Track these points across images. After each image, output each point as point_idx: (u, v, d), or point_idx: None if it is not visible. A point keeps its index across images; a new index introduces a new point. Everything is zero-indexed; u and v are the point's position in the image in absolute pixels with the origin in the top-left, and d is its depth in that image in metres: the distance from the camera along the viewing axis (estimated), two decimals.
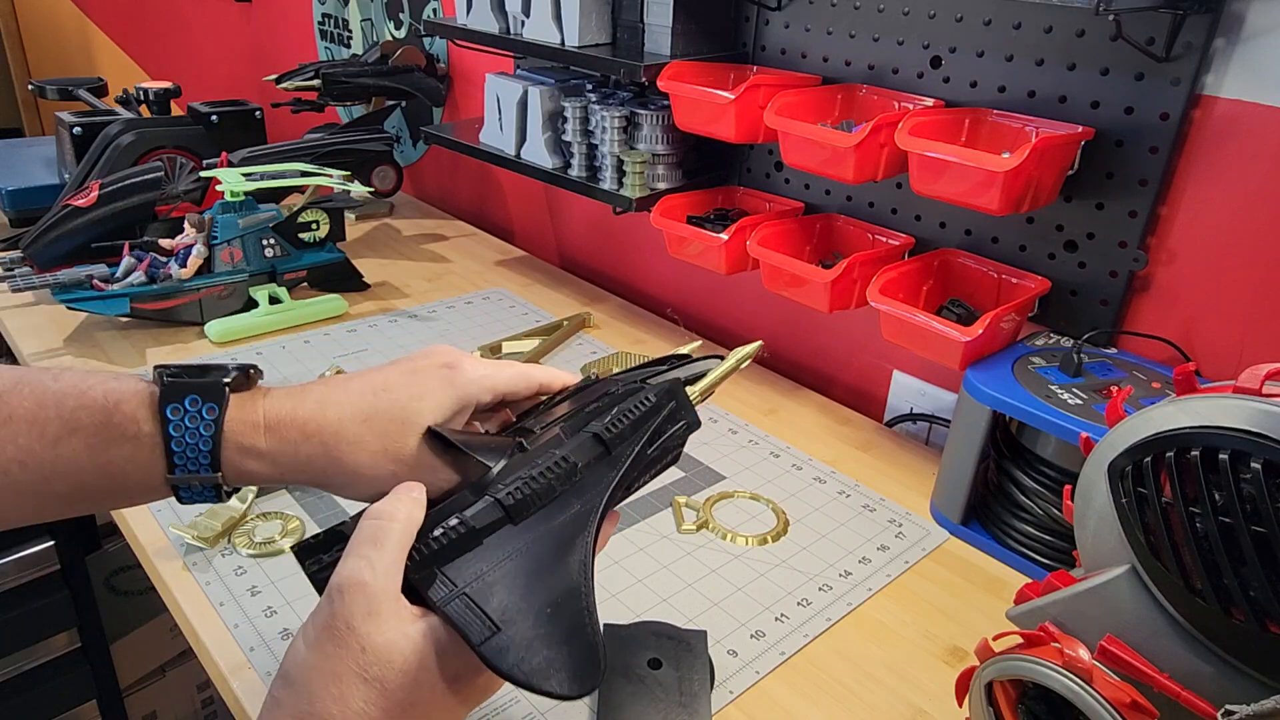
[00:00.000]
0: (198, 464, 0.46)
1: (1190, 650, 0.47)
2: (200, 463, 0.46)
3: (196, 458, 0.45)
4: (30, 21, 3.47)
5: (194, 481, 0.46)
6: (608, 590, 0.74)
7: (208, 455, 0.45)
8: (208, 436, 0.45)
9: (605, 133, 1.09)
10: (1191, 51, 0.73)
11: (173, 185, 1.33)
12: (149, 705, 1.44)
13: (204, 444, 0.45)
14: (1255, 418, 0.43)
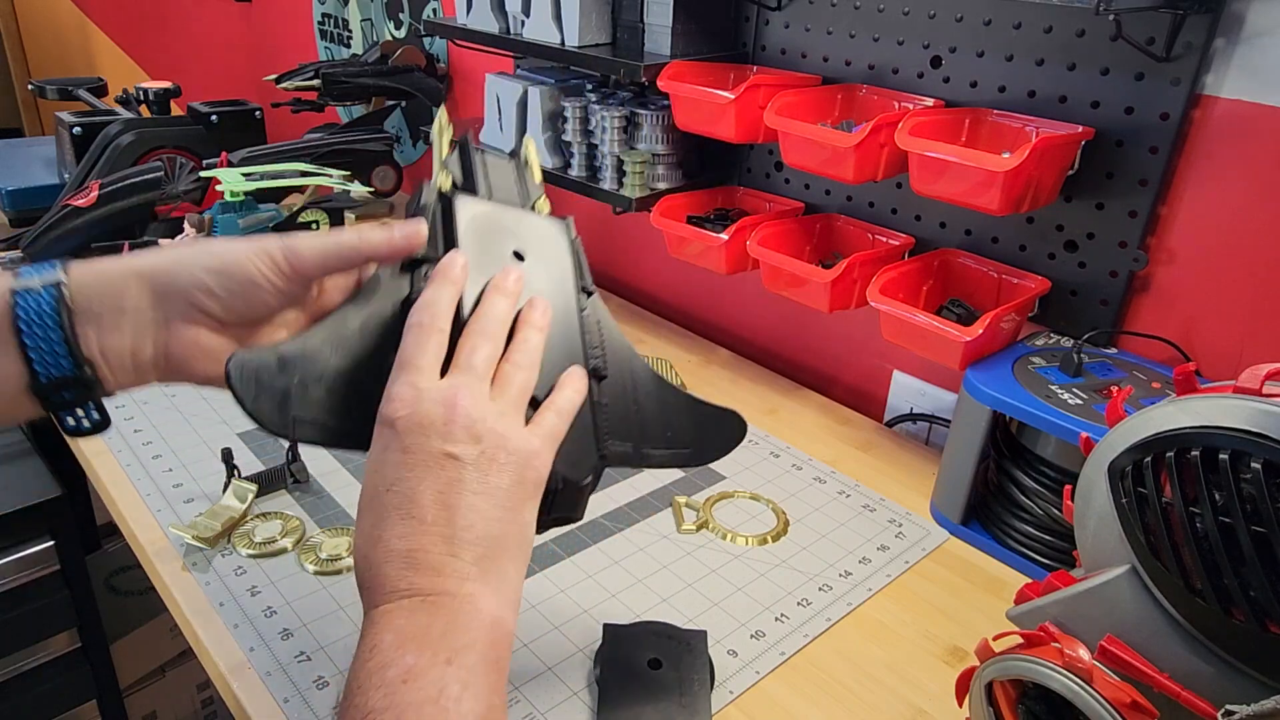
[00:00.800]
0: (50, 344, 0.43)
1: (1190, 650, 0.47)
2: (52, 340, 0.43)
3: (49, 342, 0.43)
4: (30, 21, 3.47)
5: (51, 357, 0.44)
6: (607, 590, 0.74)
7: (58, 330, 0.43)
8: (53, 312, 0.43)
9: (605, 133, 1.09)
10: (1191, 51, 0.73)
11: (173, 185, 1.33)
12: (149, 705, 1.44)
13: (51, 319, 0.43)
14: (1255, 418, 0.43)
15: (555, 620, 0.70)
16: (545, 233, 0.55)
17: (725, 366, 1.13)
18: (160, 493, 0.82)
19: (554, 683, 0.64)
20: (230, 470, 0.81)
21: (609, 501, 0.85)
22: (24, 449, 1.22)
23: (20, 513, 1.12)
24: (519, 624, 0.69)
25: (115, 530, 0.86)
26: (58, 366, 0.44)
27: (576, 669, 0.66)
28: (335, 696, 0.62)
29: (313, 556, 0.75)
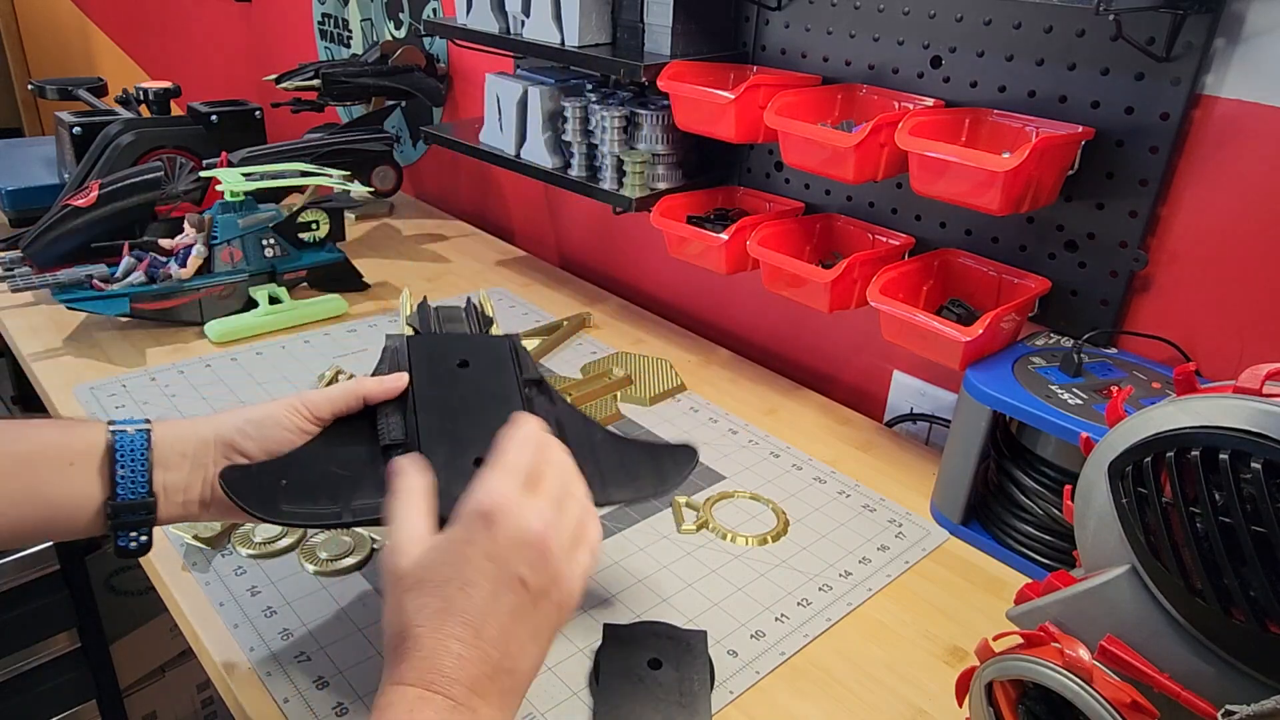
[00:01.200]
0: (135, 486, 0.55)
1: (1190, 650, 0.47)
2: (138, 484, 0.55)
3: (134, 481, 0.55)
4: (30, 21, 3.47)
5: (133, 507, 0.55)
6: (607, 590, 0.74)
7: (145, 477, 0.55)
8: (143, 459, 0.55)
9: (605, 133, 1.09)
10: (1192, 51, 0.73)
11: (172, 185, 1.33)
12: (149, 705, 1.44)
13: (141, 469, 0.55)
14: (1255, 418, 0.43)
15: None
16: (487, 345, 0.68)
17: (725, 366, 1.13)
18: None
19: (554, 683, 0.64)
20: None
21: None
22: None
23: None
24: None
25: None
26: (134, 492, 0.55)
27: (576, 669, 0.66)
28: (335, 696, 0.62)
29: (313, 556, 0.75)
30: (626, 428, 0.97)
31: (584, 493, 0.54)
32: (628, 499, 0.63)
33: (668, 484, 0.64)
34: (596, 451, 0.63)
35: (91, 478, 0.54)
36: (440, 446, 0.58)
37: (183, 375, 1.01)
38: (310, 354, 1.08)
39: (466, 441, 0.59)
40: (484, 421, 0.59)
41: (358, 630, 0.68)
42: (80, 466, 0.54)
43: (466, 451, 0.58)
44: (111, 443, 0.54)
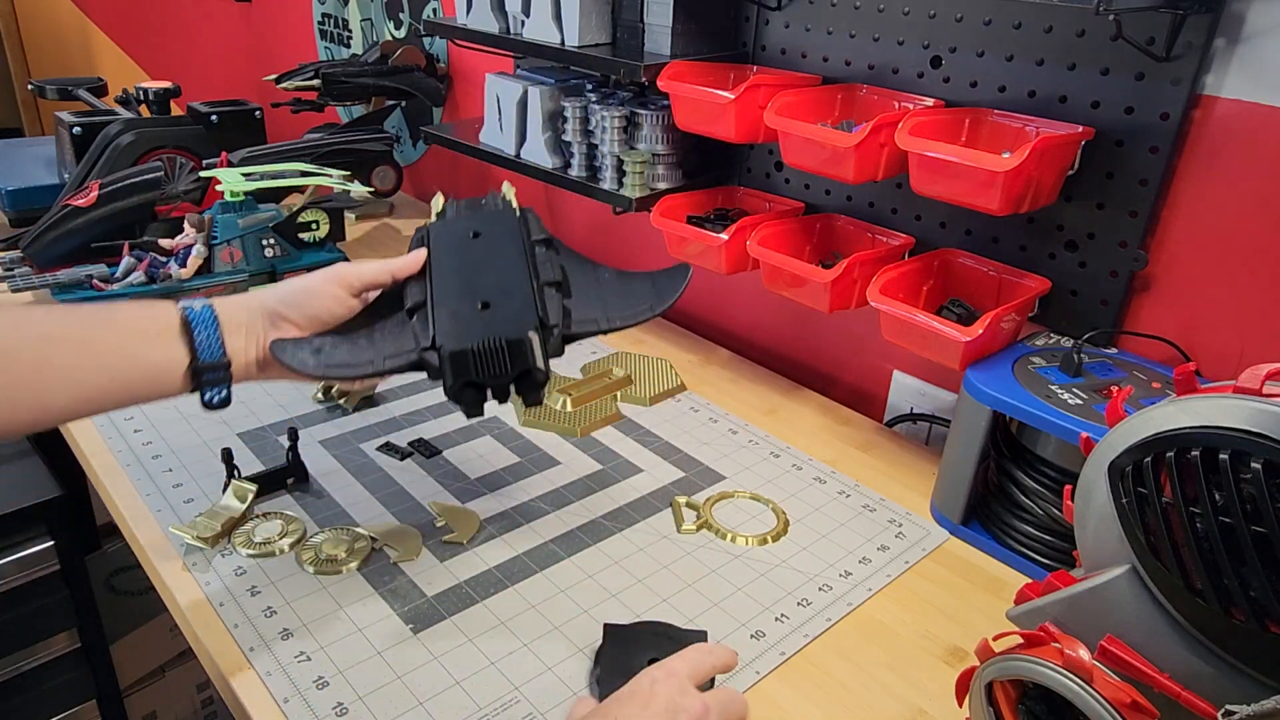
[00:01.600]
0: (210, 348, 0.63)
1: (1190, 650, 0.47)
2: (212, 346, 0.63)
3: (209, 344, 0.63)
4: (30, 21, 3.47)
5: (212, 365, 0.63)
6: (607, 590, 0.74)
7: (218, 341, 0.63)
8: None
9: (605, 133, 1.09)
10: (1191, 51, 0.73)
11: (172, 185, 1.33)
12: (149, 705, 1.44)
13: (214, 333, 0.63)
14: (1255, 418, 0.43)
15: (555, 620, 0.70)
16: (496, 216, 0.75)
17: (725, 366, 1.13)
18: (160, 493, 0.82)
19: (554, 683, 0.64)
20: (230, 470, 0.81)
21: (609, 501, 0.85)
22: (24, 449, 1.22)
23: (20, 513, 1.12)
24: (519, 624, 0.69)
25: (115, 530, 0.86)
26: (211, 354, 0.63)
27: (576, 669, 0.66)
28: (335, 696, 0.62)
29: (313, 556, 0.75)
30: (626, 428, 0.97)
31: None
32: (630, 320, 0.68)
33: (664, 299, 0.70)
34: (601, 286, 0.71)
35: (176, 345, 0.62)
36: (451, 296, 0.66)
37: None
38: None
39: (476, 289, 0.66)
40: (490, 271, 0.68)
41: (358, 630, 0.68)
42: (165, 336, 0.61)
43: (475, 296, 0.66)
44: (186, 316, 0.62)
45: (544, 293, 0.66)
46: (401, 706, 0.62)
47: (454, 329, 0.64)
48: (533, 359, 0.62)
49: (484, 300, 0.65)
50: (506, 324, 0.63)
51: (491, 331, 0.63)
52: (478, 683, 0.64)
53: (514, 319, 0.64)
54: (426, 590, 0.72)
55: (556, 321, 0.65)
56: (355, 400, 0.97)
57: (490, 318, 0.64)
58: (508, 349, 0.62)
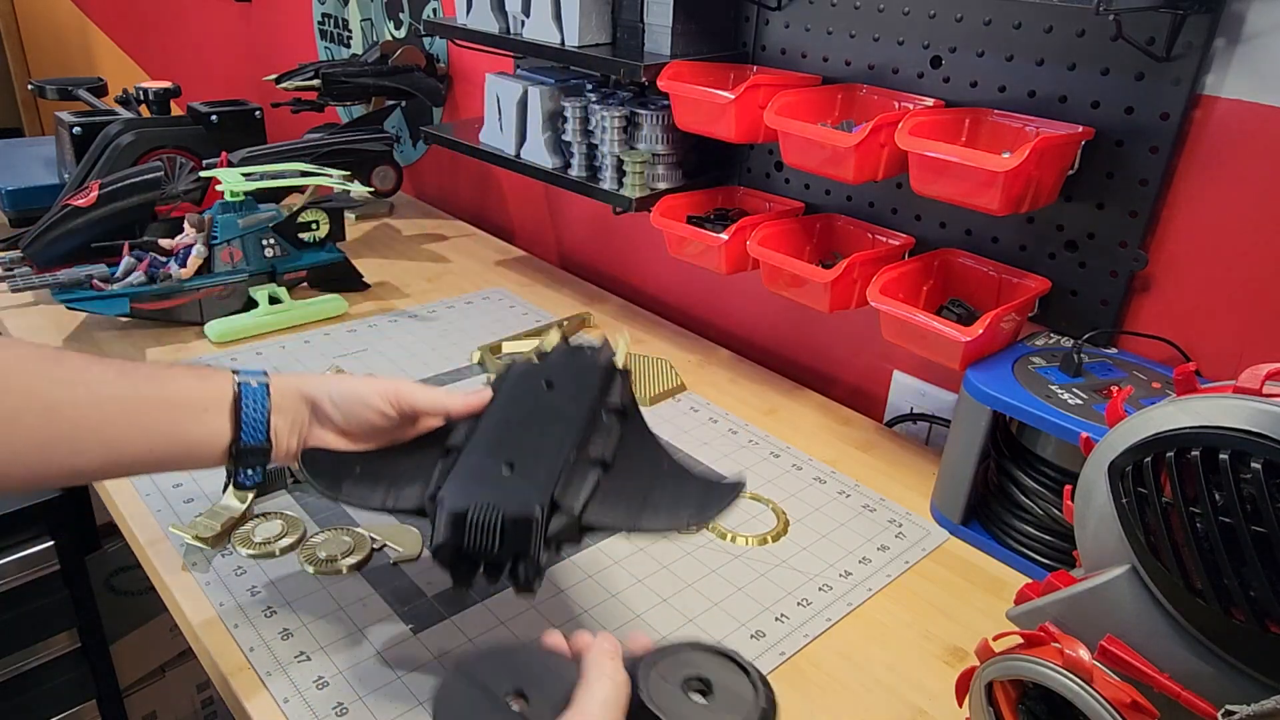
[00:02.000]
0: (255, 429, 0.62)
1: (1190, 650, 0.47)
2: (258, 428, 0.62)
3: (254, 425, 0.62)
4: (30, 21, 3.47)
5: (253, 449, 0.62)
6: (607, 590, 0.74)
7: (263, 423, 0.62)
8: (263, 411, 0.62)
9: (605, 133, 1.09)
10: (1192, 51, 0.73)
11: (172, 185, 1.33)
12: (149, 705, 1.44)
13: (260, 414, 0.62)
14: (1255, 418, 0.43)
15: (555, 620, 0.70)
16: (577, 368, 0.69)
17: (725, 366, 1.13)
18: (160, 493, 0.82)
19: None
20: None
21: None
22: None
23: (20, 513, 1.12)
24: (519, 624, 0.69)
25: (115, 530, 0.86)
26: (254, 438, 0.62)
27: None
28: (335, 696, 0.62)
29: (313, 556, 0.75)
30: None
31: None
32: (660, 531, 0.62)
33: (706, 514, 0.61)
34: (654, 479, 0.63)
35: (223, 422, 0.61)
36: (483, 448, 0.62)
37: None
38: (310, 354, 1.08)
39: (508, 447, 0.61)
40: (537, 430, 0.63)
41: (358, 630, 0.68)
42: (213, 412, 0.61)
43: (503, 455, 0.60)
44: (239, 393, 0.61)
45: (578, 469, 0.60)
46: (401, 706, 0.62)
47: (464, 485, 0.58)
48: (528, 544, 0.56)
49: (510, 461, 0.60)
50: (515, 495, 0.57)
51: (498, 499, 0.56)
52: None
53: (526, 491, 0.57)
54: (426, 590, 0.72)
55: (574, 507, 0.58)
56: None
57: (506, 484, 0.58)
58: (503, 523, 0.56)
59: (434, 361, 1.08)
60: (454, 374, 1.06)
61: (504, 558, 0.57)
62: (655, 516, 0.60)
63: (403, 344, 1.12)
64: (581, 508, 0.58)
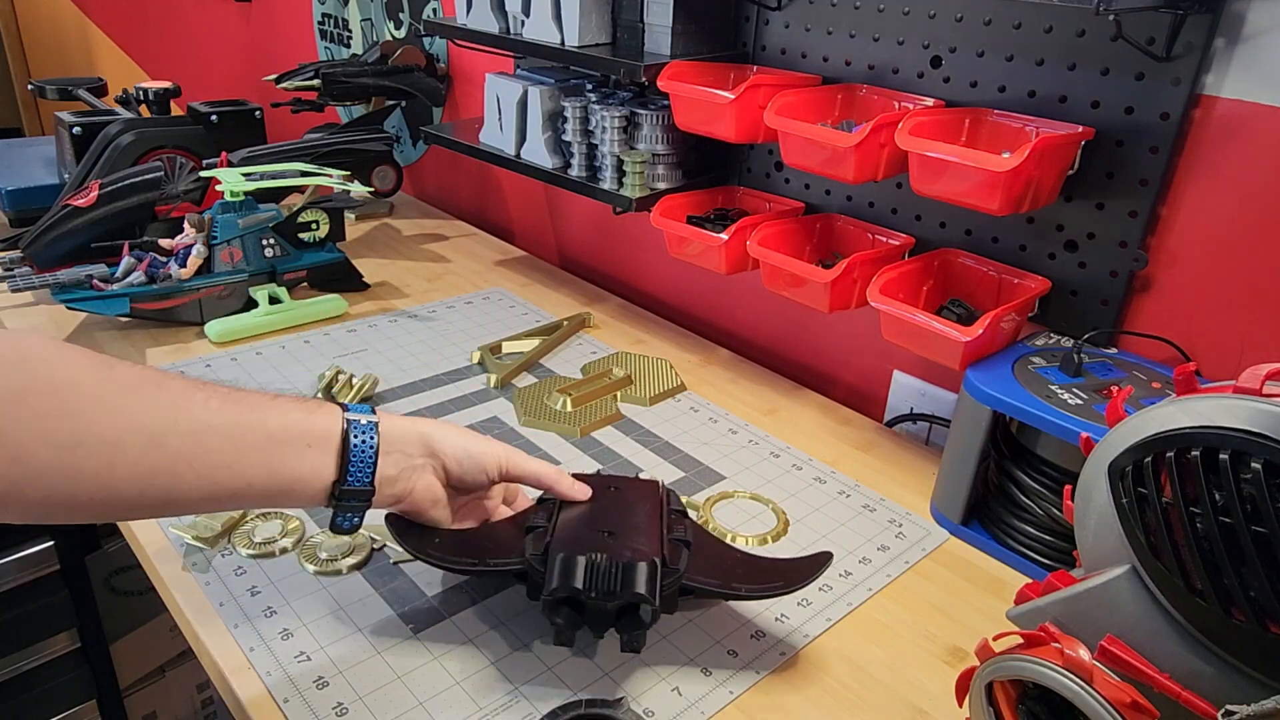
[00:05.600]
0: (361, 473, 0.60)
1: (1190, 650, 0.47)
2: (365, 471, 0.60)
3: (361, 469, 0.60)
4: (30, 21, 3.47)
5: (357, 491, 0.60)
6: None
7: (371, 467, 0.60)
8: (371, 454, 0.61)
9: (605, 133, 1.09)
10: (1192, 51, 0.73)
11: (173, 185, 1.33)
12: (149, 705, 1.44)
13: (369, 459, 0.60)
14: (1255, 418, 0.43)
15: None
16: (641, 482, 0.75)
17: (725, 366, 1.13)
18: None
19: (554, 683, 0.64)
20: None
21: None
22: None
23: None
24: (519, 624, 0.69)
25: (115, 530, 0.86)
26: (359, 480, 0.60)
27: (577, 669, 0.66)
28: (335, 696, 0.62)
29: (313, 556, 0.75)
30: (626, 428, 0.97)
31: None
32: (758, 593, 0.66)
33: (801, 580, 0.66)
34: (730, 561, 0.68)
35: (328, 461, 0.59)
36: (576, 523, 0.66)
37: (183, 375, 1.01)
38: (310, 354, 1.08)
39: (602, 521, 0.66)
40: (620, 514, 0.67)
41: (358, 630, 0.68)
42: (318, 449, 0.58)
43: (599, 526, 0.65)
44: (346, 431, 0.59)
45: (669, 543, 0.65)
46: (401, 706, 0.62)
47: (573, 541, 0.62)
48: (647, 587, 0.59)
49: (609, 530, 0.64)
50: (626, 549, 0.61)
51: (609, 551, 0.60)
52: (478, 683, 0.64)
53: (635, 547, 0.62)
54: (426, 590, 0.72)
55: (679, 565, 0.62)
56: (355, 400, 0.97)
57: (611, 542, 0.62)
58: (622, 570, 0.59)
59: (434, 361, 1.09)
60: (454, 374, 1.06)
61: (615, 604, 0.60)
62: (749, 585, 0.65)
63: (403, 344, 1.12)
64: (681, 569, 0.62)
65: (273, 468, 0.56)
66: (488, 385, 1.04)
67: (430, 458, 0.64)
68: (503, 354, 1.11)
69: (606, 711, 0.59)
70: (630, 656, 0.66)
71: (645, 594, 0.59)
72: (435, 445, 0.64)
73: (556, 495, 0.69)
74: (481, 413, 0.98)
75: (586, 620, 0.61)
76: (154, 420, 0.52)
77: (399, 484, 0.62)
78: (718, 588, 0.64)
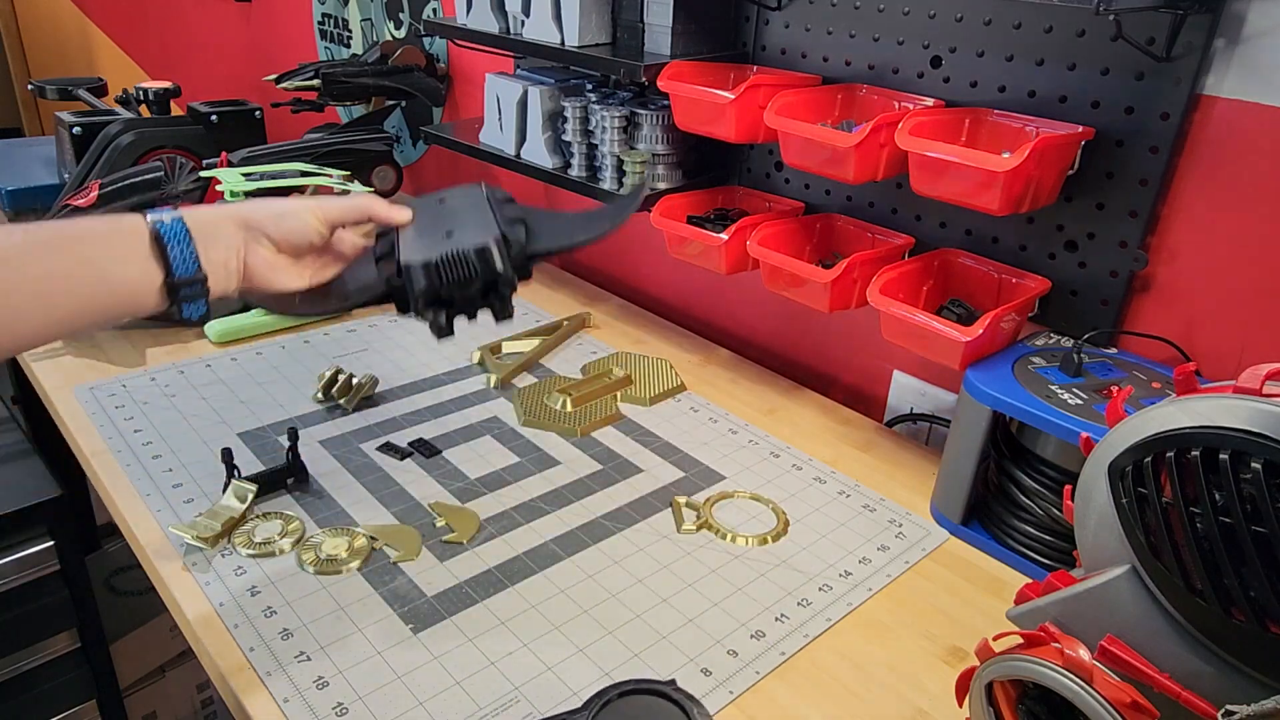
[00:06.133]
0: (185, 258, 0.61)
1: (1190, 650, 0.47)
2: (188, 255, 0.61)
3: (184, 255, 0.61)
4: (30, 21, 3.47)
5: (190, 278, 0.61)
6: (607, 590, 0.74)
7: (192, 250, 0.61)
8: None
9: (605, 133, 1.09)
10: (1192, 51, 0.73)
11: (172, 185, 1.33)
12: (149, 705, 1.44)
13: None
14: (1255, 418, 0.43)
15: (555, 620, 0.70)
16: (463, 189, 0.76)
17: (725, 366, 1.13)
18: (160, 493, 0.82)
19: (554, 683, 0.64)
20: (230, 470, 0.81)
21: (609, 501, 0.85)
22: (24, 449, 1.22)
23: (20, 513, 1.12)
24: (519, 624, 0.69)
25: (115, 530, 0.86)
26: (187, 270, 0.60)
27: (577, 669, 0.66)
28: (335, 696, 0.62)
29: (313, 556, 0.75)
30: (626, 428, 0.97)
31: None
32: (592, 236, 0.72)
33: (623, 214, 0.75)
34: (564, 220, 0.75)
35: (148, 261, 0.59)
36: (417, 232, 0.69)
37: (183, 375, 1.01)
38: (310, 354, 1.08)
39: (441, 225, 0.69)
40: (456, 216, 0.70)
41: (358, 630, 0.68)
42: (137, 252, 0.59)
43: (439, 230, 0.68)
44: (156, 229, 0.60)
45: (504, 223, 0.68)
46: (401, 706, 0.62)
47: (418, 248, 0.66)
48: (497, 262, 0.64)
49: (448, 230, 0.68)
50: (468, 239, 0.66)
51: (455, 246, 0.65)
52: (478, 683, 0.64)
53: (476, 234, 0.66)
54: (426, 590, 0.72)
55: (519, 239, 0.67)
56: (355, 400, 0.97)
57: (454, 240, 0.66)
58: (472, 255, 0.64)
59: (434, 361, 1.09)
60: (454, 374, 1.06)
61: (476, 292, 0.65)
62: (585, 232, 0.72)
63: (403, 344, 1.12)
64: (524, 240, 0.67)
65: (101, 277, 0.58)
66: (488, 385, 1.04)
67: (247, 230, 0.65)
68: (503, 354, 1.11)
69: (661, 687, 0.58)
70: (631, 657, 0.66)
71: (499, 270, 0.64)
72: (247, 218, 0.65)
73: (377, 220, 0.71)
74: (481, 413, 0.98)
75: (456, 311, 0.67)
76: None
77: (231, 263, 0.64)
78: (557, 244, 0.70)
